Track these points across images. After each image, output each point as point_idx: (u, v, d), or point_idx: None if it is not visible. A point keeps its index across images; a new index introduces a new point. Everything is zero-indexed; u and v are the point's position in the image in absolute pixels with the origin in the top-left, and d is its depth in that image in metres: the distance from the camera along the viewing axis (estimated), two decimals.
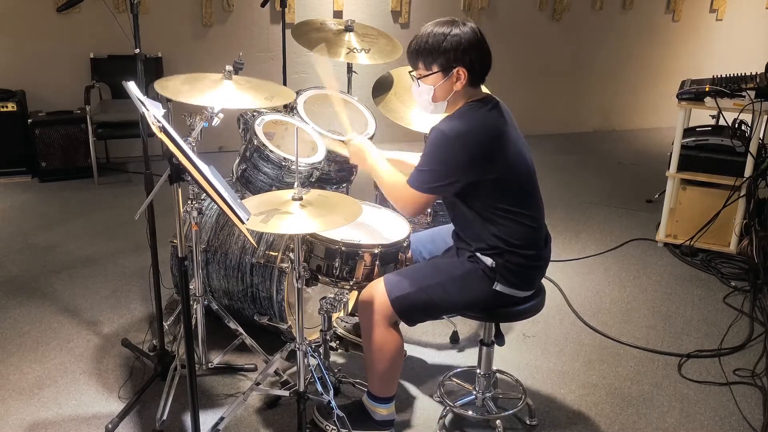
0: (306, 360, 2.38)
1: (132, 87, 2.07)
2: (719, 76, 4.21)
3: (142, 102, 2.00)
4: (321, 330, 2.62)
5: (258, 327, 2.94)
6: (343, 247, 2.39)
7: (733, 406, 2.80)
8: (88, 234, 4.21)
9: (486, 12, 6.14)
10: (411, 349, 3.08)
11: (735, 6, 6.81)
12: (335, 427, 2.41)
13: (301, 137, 2.89)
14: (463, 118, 2.24)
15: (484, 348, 2.56)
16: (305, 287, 2.41)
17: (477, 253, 2.32)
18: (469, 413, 2.63)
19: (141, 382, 2.77)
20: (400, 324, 2.37)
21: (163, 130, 1.88)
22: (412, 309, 2.32)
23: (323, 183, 2.97)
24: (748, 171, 3.92)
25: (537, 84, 6.49)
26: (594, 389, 2.89)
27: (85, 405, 2.68)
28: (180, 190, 2.20)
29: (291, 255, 2.43)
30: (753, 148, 3.89)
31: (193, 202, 2.43)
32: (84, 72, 5.24)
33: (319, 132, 2.94)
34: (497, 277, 2.30)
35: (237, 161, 2.91)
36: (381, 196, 2.96)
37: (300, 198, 2.22)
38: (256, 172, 2.82)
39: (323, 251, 2.41)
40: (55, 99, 5.20)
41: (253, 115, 2.90)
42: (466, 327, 3.26)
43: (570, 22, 6.42)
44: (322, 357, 2.63)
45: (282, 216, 2.16)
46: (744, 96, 3.84)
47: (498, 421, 2.55)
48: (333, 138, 2.90)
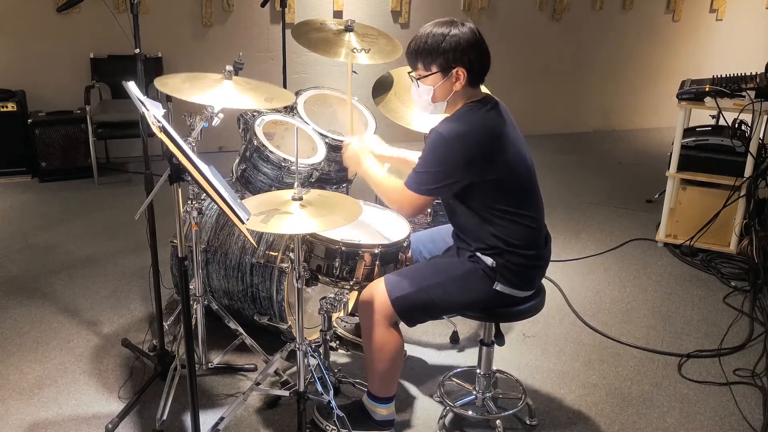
0: (306, 360, 2.38)
1: (132, 87, 2.07)
2: (719, 76, 4.21)
3: (142, 102, 2.00)
4: (321, 330, 2.62)
5: (258, 327, 2.93)
6: (343, 247, 2.39)
7: (733, 406, 2.80)
8: (88, 234, 4.21)
9: (486, 12, 6.14)
10: (411, 349, 3.08)
11: (735, 6, 6.81)
12: (335, 427, 2.41)
13: (301, 137, 2.89)
14: (462, 119, 2.24)
15: (484, 348, 2.56)
16: (305, 287, 2.41)
17: (477, 253, 2.32)
18: (469, 413, 2.63)
19: (141, 382, 2.77)
20: (400, 324, 2.38)
21: (163, 130, 1.88)
22: (412, 309, 2.32)
23: (323, 183, 2.97)
24: (748, 171, 3.92)
25: (537, 84, 6.49)
26: (594, 389, 2.89)
27: (85, 405, 2.68)
28: (180, 190, 2.21)
29: (291, 255, 2.43)
30: (753, 148, 3.89)
31: (193, 202, 2.42)
32: (84, 72, 5.24)
33: (319, 132, 2.94)
34: (498, 277, 2.30)
35: (237, 161, 2.91)
36: None
37: (300, 198, 2.22)
38: (255, 172, 2.82)
39: (323, 251, 2.41)
40: (55, 99, 5.20)
41: (253, 116, 2.89)
42: (466, 327, 3.26)
43: (570, 22, 6.42)
44: (322, 357, 2.62)
45: (282, 216, 2.16)
46: (744, 96, 3.83)
47: (498, 421, 2.55)
48: (333, 138, 2.90)
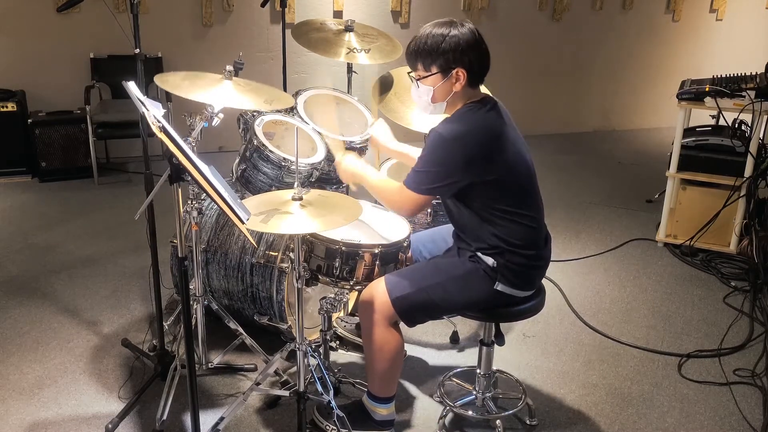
0: (306, 360, 2.38)
1: (132, 87, 2.07)
2: (719, 76, 4.20)
3: (142, 102, 2.00)
4: (321, 330, 2.62)
5: (258, 327, 2.93)
6: (344, 247, 2.39)
7: (733, 406, 2.80)
8: (88, 234, 4.21)
9: (486, 12, 6.14)
10: (411, 349, 3.08)
11: (735, 6, 6.81)
12: (335, 427, 2.41)
13: (301, 137, 2.89)
14: (462, 120, 2.24)
15: (484, 348, 2.56)
16: (305, 287, 2.41)
17: (478, 253, 2.32)
18: (469, 413, 2.63)
19: (141, 382, 2.77)
20: (400, 324, 2.37)
21: (163, 130, 1.88)
22: (412, 309, 2.32)
23: (323, 183, 2.97)
24: (748, 171, 3.92)
25: (537, 84, 6.49)
26: (594, 389, 2.89)
27: (85, 405, 2.68)
28: (180, 190, 2.21)
29: (291, 255, 2.43)
30: (753, 148, 3.89)
31: (193, 202, 2.42)
32: (84, 72, 5.24)
33: (319, 132, 2.93)
34: (498, 277, 2.30)
35: (237, 161, 2.91)
36: None
37: (300, 198, 2.22)
38: (255, 172, 2.82)
39: (323, 251, 2.41)
40: (55, 99, 5.20)
41: (253, 115, 2.89)
42: (466, 327, 3.26)
43: (570, 22, 6.42)
44: (322, 357, 2.62)
45: (282, 216, 2.16)
46: (744, 96, 3.83)
47: (498, 421, 2.55)
48: (334, 138, 2.90)
